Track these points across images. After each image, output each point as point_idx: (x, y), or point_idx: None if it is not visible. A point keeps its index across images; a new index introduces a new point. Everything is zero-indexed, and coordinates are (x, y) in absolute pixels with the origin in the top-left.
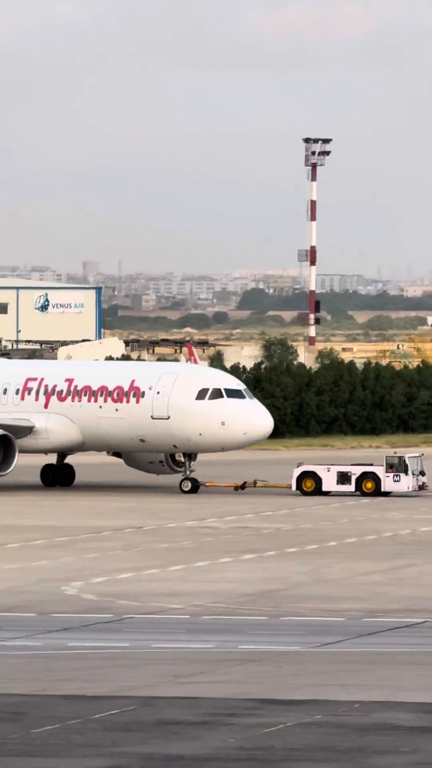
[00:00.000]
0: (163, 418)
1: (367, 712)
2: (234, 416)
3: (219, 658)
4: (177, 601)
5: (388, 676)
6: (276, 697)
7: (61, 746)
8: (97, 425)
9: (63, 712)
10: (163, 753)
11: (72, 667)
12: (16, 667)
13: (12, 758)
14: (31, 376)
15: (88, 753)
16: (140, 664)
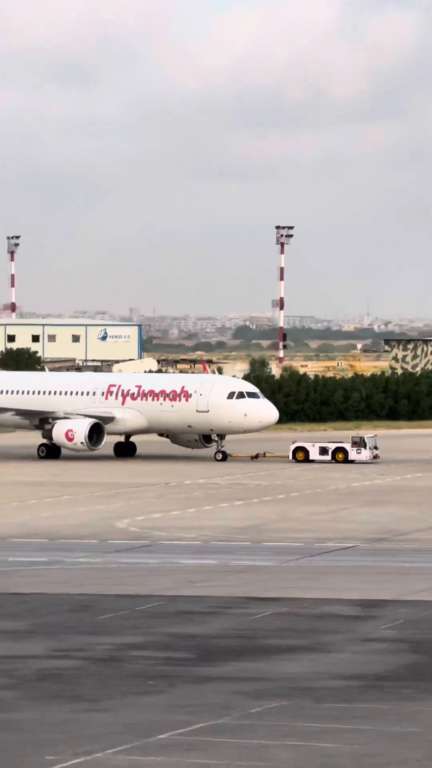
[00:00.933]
0: (204, 412)
1: (317, 605)
2: (253, 410)
3: (219, 569)
4: (191, 533)
5: (332, 581)
6: (257, 595)
7: (115, 628)
8: (158, 416)
9: (116, 605)
10: (182, 632)
11: (121, 576)
12: (85, 576)
13: (84, 635)
14: (112, 383)
15: (133, 632)
16: (166, 574)
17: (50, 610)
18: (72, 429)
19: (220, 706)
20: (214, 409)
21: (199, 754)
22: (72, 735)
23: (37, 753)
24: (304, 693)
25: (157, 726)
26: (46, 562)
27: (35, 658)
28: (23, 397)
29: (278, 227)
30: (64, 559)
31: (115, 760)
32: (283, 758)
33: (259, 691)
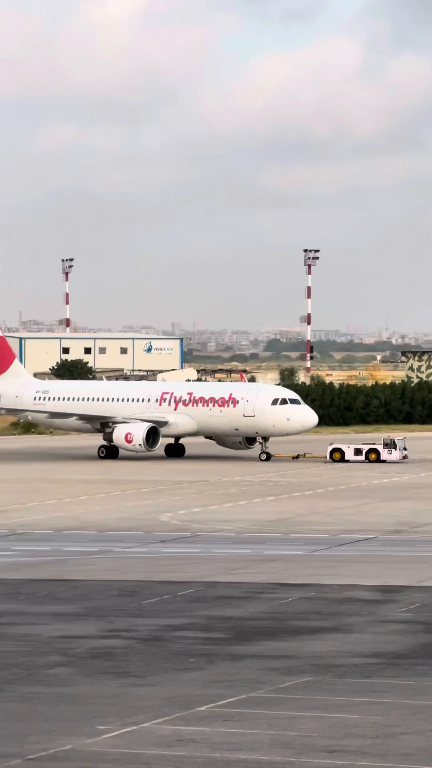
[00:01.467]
0: (250, 416)
1: (341, 591)
2: (294, 415)
3: (253, 558)
4: (228, 525)
5: (354, 569)
6: (287, 582)
7: (159, 611)
8: (207, 420)
9: (160, 591)
10: (219, 615)
11: (165, 564)
12: (132, 564)
13: (131, 618)
14: (165, 391)
15: (176, 615)
16: (206, 562)
17: (100, 595)
18: (131, 432)
19: (253, 681)
20: (259, 414)
21: (234, 725)
22: (120, 707)
23: (89, 723)
24: (328, 669)
25: (196, 699)
26: (97, 552)
27: (87, 638)
28: (85, 404)
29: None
30: (113, 549)
31: (159, 729)
32: (310, 728)
33: (288, 668)
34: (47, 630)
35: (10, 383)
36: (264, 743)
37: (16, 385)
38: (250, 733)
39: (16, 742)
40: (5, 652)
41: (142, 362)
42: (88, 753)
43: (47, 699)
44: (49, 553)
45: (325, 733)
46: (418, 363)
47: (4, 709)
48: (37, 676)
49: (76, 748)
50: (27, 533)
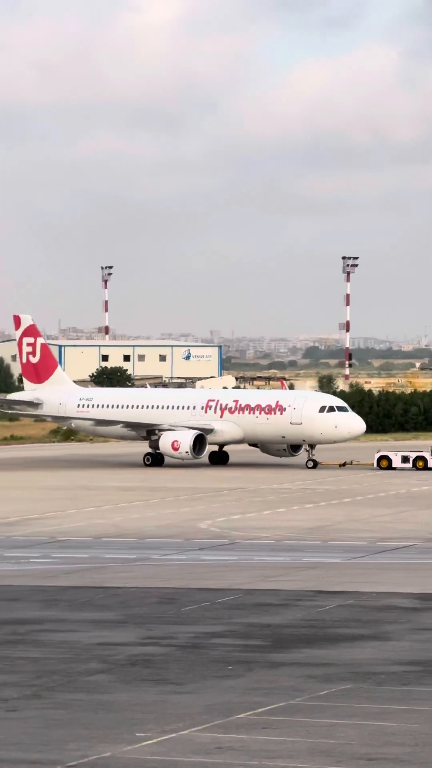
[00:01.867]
0: (297, 424)
1: (380, 598)
2: (342, 422)
3: (291, 566)
4: (266, 532)
5: (393, 577)
6: (325, 589)
7: (198, 618)
8: (254, 428)
9: (199, 598)
10: (258, 623)
11: (204, 572)
12: (171, 572)
13: (169, 625)
14: (211, 398)
15: (214, 622)
16: (244, 569)
17: (139, 602)
18: (177, 440)
19: (292, 688)
20: (307, 421)
21: (273, 732)
22: (159, 714)
23: (128, 730)
24: (367, 677)
25: (235, 706)
26: (136, 559)
27: (126, 645)
28: (130, 411)
29: (344, 257)
30: (152, 556)
31: (198, 737)
32: (349, 736)
33: (327, 676)
34: (86, 637)
35: (53, 391)
36: (303, 751)
37: (60, 392)
38: (288, 741)
39: (55, 749)
40: (45, 659)
41: (181, 370)
42: (127, 760)
43: (86, 706)
44: (88, 561)
45: (364, 741)
46: None
47: (44, 716)
48: (76, 683)
49: (116, 756)
50: (66, 540)
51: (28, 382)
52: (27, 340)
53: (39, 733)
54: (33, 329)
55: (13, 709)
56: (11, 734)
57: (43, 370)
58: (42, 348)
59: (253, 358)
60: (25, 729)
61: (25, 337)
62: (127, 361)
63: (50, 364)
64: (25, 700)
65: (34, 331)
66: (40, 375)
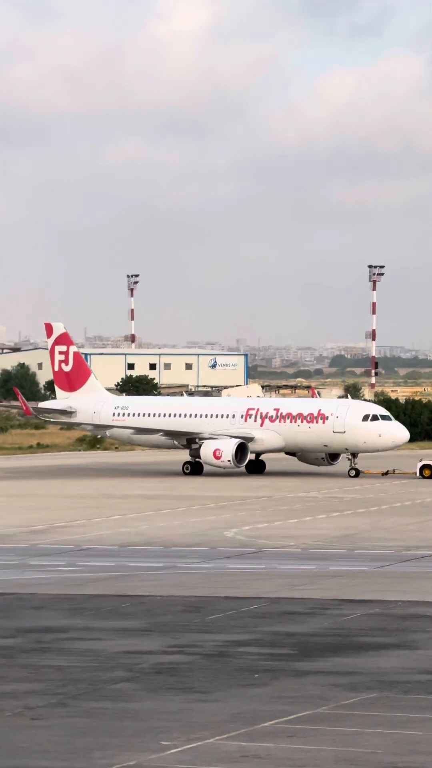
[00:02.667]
0: (340, 432)
1: (406, 607)
2: (386, 431)
3: (317, 574)
4: (292, 541)
5: (420, 585)
6: (352, 598)
7: (223, 627)
8: (295, 436)
9: (224, 606)
10: (284, 631)
11: (229, 580)
12: (196, 580)
13: (194, 633)
14: (250, 407)
15: (240, 630)
16: (270, 578)
17: (165, 611)
18: (219, 448)
19: (317, 697)
20: (350, 430)
21: (299, 741)
22: (185, 723)
23: (153, 739)
24: (393, 686)
25: (261, 715)
26: (162, 567)
27: (152, 653)
28: (169, 419)
29: (370, 266)
30: (178, 565)
31: (224, 745)
32: (375, 744)
33: (353, 684)
34: (112, 645)
35: (87, 399)
36: (329, 759)
37: (94, 401)
38: (314, 750)
39: (81, 757)
40: (70, 667)
41: (207, 378)
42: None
43: (112, 714)
44: (114, 569)
45: (390, 750)
46: None
47: (70, 724)
48: (101, 692)
49: (141, 764)
50: (92, 549)
51: (60, 390)
52: (59, 348)
53: (64, 741)
54: (66, 337)
55: (38, 717)
56: (36, 742)
57: (76, 378)
58: (75, 356)
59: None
60: (50, 737)
61: (57, 345)
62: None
63: (83, 373)
64: (50, 708)
65: (66, 339)
66: (73, 383)
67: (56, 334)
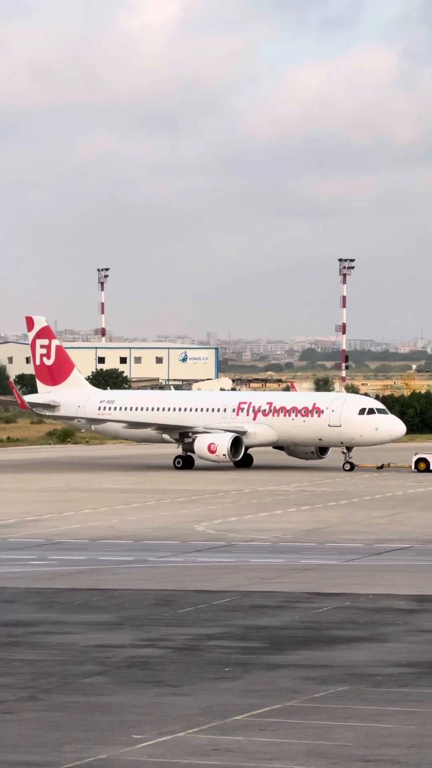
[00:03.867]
0: (336, 426)
1: (376, 600)
2: (383, 424)
3: (288, 567)
4: (263, 534)
5: (389, 578)
6: (322, 591)
7: (194, 620)
8: (289, 430)
9: (195, 600)
10: (255, 624)
11: (200, 574)
12: (167, 574)
13: (165, 627)
14: (242, 400)
15: (210, 624)
16: (241, 571)
17: (136, 604)
18: (214, 442)
19: (288, 690)
20: (346, 424)
21: (270, 734)
22: (156, 716)
23: (125, 732)
24: (364, 679)
25: (232, 708)
26: (133, 561)
27: (123, 647)
28: (162, 414)
29: (341, 260)
30: (149, 558)
31: (195, 739)
32: (346, 738)
33: (323, 677)
34: (83, 639)
35: (70, 393)
36: (300, 753)
37: (77, 395)
38: (285, 743)
39: (52, 751)
40: (41, 661)
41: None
42: (123, 762)
43: (83, 708)
44: (84, 563)
45: (361, 743)
46: None
47: (41, 718)
48: (72, 685)
49: (112, 757)
50: (63, 542)
51: (42, 384)
52: (41, 342)
53: (35, 735)
54: (47, 331)
55: (9, 711)
56: (7, 736)
57: (59, 372)
58: (57, 350)
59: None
60: (21, 731)
61: (38, 338)
62: (124, 363)
63: (66, 366)
64: (21, 702)
65: (48, 333)
66: (55, 377)
67: (37, 328)
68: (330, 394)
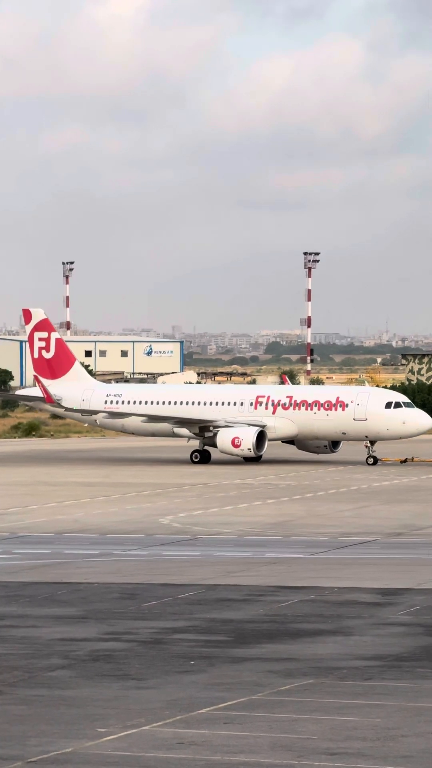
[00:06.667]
0: (362, 420)
1: (341, 593)
2: (410, 418)
3: (253, 561)
4: (228, 528)
5: (355, 572)
6: (287, 584)
7: (159, 614)
8: (311, 424)
9: (160, 593)
10: (220, 618)
11: (165, 567)
12: (132, 567)
13: (130, 620)
14: (260, 394)
15: (176, 617)
16: (206, 565)
17: (101, 598)
18: (238, 436)
19: (253, 683)
20: (372, 417)
21: (235, 727)
22: (121, 710)
23: (90, 726)
24: (329, 672)
25: (197, 702)
26: (98, 555)
27: (88, 640)
28: (182, 407)
29: (306, 253)
30: (114, 552)
31: (160, 732)
32: (311, 731)
33: (288, 671)
34: (48, 633)
35: (73, 386)
36: (265, 746)
37: (81, 388)
38: (250, 736)
39: (16, 744)
40: (6, 654)
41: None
42: (89, 756)
43: (48, 701)
44: (49, 556)
45: (326, 736)
46: (418, 366)
47: (5, 711)
48: (37, 679)
49: (77, 751)
50: (28, 536)
51: (41, 378)
52: (39, 335)
53: (0, 728)
54: (46, 323)
55: None
56: None
57: (59, 365)
58: (57, 343)
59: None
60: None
61: (36, 331)
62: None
63: (67, 360)
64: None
65: (47, 326)
66: (55, 371)
67: (35, 321)
68: (353, 388)
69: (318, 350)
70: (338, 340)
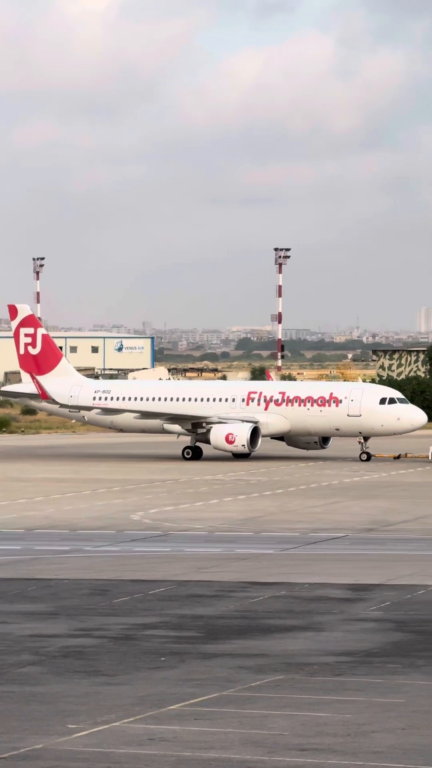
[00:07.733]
0: (356, 416)
1: (312, 589)
2: (405, 414)
3: (224, 557)
4: (199, 524)
5: (325, 567)
6: (258, 580)
7: (130, 610)
8: (304, 420)
9: (131, 589)
10: (191, 614)
11: (136, 563)
12: (103, 563)
13: (101, 617)
14: (252, 390)
15: (147, 613)
16: (177, 561)
17: (72, 594)
18: (232, 432)
19: (224, 679)
20: (366, 413)
21: (206, 723)
22: (91, 706)
23: (60, 722)
24: (300, 668)
25: (168, 698)
26: (68, 551)
27: (58, 637)
28: (170, 404)
29: (276, 249)
30: (84, 548)
31: (131, 728)
32: (282, 726)
33: (259, 666)
34: (18, 629)
35: (61, 382)
36: (235, 742)
37: (69, 384)
38: (221, 732)
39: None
40: None
41: (114, 361)
42: (59, 752)
43: (18, 698)
44: (20, 552)
45: (297, 732)
46: (388, 362)
47: None
48: (7, 675)
49: (48, 747)
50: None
51: (26, 374)
52: (25, 331)
53: None
54: (32, 319)
55: None
56: None
57: (45, 361)
58: (44, 338)
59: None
60: None
61: (22, 327)
62: None
63: (54, 356)
64: None
65: (33, 321)
66: (41, 367)
67: (21, 317)
68: (347, 384)
69: (289, 346)
70: (309, 336)
